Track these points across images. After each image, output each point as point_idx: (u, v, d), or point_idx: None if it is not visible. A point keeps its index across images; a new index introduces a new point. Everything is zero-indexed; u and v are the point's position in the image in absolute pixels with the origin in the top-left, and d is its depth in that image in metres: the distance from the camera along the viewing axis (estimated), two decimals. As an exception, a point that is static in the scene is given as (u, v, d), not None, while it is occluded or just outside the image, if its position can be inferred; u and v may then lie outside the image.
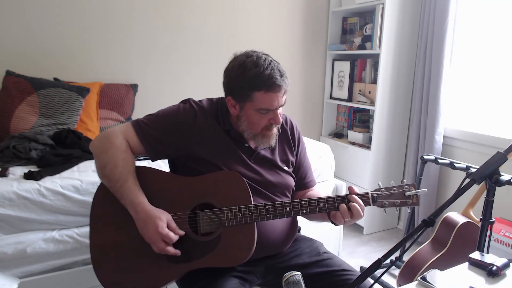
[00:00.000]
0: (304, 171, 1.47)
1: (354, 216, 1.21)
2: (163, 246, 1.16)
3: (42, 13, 2.39)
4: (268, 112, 1.25)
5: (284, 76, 1.23)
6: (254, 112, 1.24)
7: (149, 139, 1.27)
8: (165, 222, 1.17)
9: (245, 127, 1.29)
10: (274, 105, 1.23)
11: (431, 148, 2.70)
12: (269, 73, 1.19)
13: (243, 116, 1.27)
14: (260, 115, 1.25)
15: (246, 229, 1.21)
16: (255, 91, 1.21)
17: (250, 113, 1.25)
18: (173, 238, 1.17)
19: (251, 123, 1.27)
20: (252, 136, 1.30)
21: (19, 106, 2.10)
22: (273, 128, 1.29)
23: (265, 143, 1.31)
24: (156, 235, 1.15)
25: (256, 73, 1.19)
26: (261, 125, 1.27)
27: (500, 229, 2.16)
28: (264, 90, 1.20)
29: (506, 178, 1.18)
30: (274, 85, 1.20)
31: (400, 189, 1.24)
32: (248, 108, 1.25)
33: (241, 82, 1.22)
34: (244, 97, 1.23)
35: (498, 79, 2.50)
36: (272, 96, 1.21)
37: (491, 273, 1.06)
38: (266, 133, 1.28)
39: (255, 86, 1.20)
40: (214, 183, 1.25)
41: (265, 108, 1.23)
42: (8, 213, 1.54)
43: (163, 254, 1.18)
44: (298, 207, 1.23)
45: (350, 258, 2.61)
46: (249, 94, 1.21)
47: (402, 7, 2.78)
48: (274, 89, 1.20)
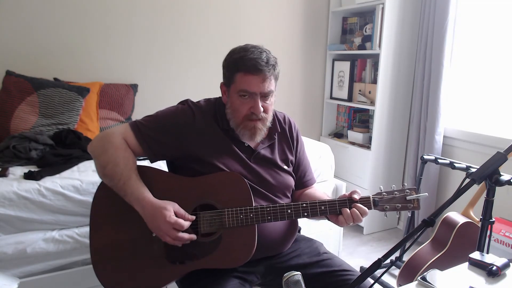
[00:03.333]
0: (303, 169, 1.47)
1: (354, 220, 1.22)
2: (176, 234, 1.15)
3: (42, 13, 2.39)
4: (248, 98, 1.24)
5: (270, 65, 1.23)
6: (236, 97, 1.26)
7: (148, 140, 1.27)
8: (172, 211, 1.16)
9: (230, 115, 1.30)
10: (253, 88, 1.22)
11: (431, 148, 2.70)
12: (253, 57, 1.22)
13: (229, 102, 1.30)
14: (241, 101, 1.25)
15: (247, 231, 1.21)
16: (236, 73, 1.24)
17: (233, 98, 1.27)
18: (183, 224, 1.16)
19: (234, 109, 1.28)
20: (235, 126, 1.29)
21: (19, 106, 2.10)
22: (255, 120, 1.27)
23: (248, 136, 1.29)
24: (167, 224, 1.14)
25: (240, 56, 1.23)
26: (242, 113, 1.26)
27: (500, 229, 2.16)
28: (244, 71, 1.22)
29: (506, 178, 1.18)
30: (255, 68, 1.21)
31: (401, 193, 1.24)
32: (232, 92, 1.27)
33: (227, 64, 1.27)
34: (229, 80, 1.27)
35: (498, 79, 2.50)
36: (252, 78, 1.22)
37: (491, 273, 1.06)
38: (248, 124, 1.27)
39: (237, 68, 1.23)
40: (216, 184, 1.24)
41: (244, 89, 1.23)
42: (8, 213, 1.54)
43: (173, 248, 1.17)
44: (299, 210, 1.23)
45: (350, 258, 2.61)
46: (232, 75, 1.25)
47: (402, 7, 2.78)
48: (254, 72, 1.21)
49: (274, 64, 1.25)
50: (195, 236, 1.18)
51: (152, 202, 1.17)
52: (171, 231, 1.15)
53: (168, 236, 1.16)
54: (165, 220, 1.14)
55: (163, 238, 1.17)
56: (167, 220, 1.14)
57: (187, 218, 1.18)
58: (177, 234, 1.15)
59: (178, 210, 1.18)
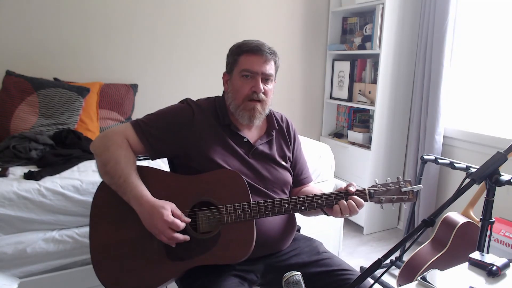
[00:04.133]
0: (300, 167, 1.49)
1: (350, 212, 1.23)
2: (171, 234, 1.16)
3: (42, 13, 2.39)
4: (250, 78, 1.30)
5: (272, 51, 1.33)
6: (238, 78, 1.32)
7: (149, 138, 1.29)
8: (169, 210, 1.17)
9: (231, 99, 1.34)
10: (255, 67, 1.29)
11: (431, 148, 2.70)
12: (256, 43, 1.33)
13: (230, 86, 1.36)
14: (243, 81, 1.31)
15: (245, 226, 1.22)
16: (240, 55, 1.32)
17: (235, 80, 1.33)
18: (179, 225, 1.17)
19: (235, 91, 1.33)
20: (235, 109, 1.33)
21: (19, 106, 2.10)
22: (256, 101, 1.31)
23: (247, 117, 1.32)
24: (163, 223, 1.15)
25: (243, 42, 1.35)
26: (243, 93, 1.31)
27: (500, 229, 2.16)
28: (246, 53, 1.31)
29: (506, 178, 1.18)
30: (258, 49, 1.30)
31: (396, 185, 1.26)
32: (235, 75, 1.33)
33: (231, 52, 1.36)
34: (233, 64, 1.34)
35: (498, 79, 2.50)
36: (254, 58, 1.30)
37: (491, 273, 1.06)
38: (248, 105, 1.31)
39: (240, 50, 1.32)
40: (214, 181, 1.26)
41: (246, 68, 1.30)
42: (8, 213, 1.54)
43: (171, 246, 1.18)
44: (296, 204, 1.24)
45: (350, 258, 2.61)
46: (236, 59, 1.33)
47: (402, 7, 2.78)
48: (257, 52, 1.30)
49: (274, 52, 1.35)
50: (189, 237, 1.19)
51: (150, 200, 1.19)
52: (167, 230, 1.16)
53: (163, 235, 1.17)
54: (162, 219, 1.15)
55: (158, 236, 1.18)
56: (164, 219, 1.15)
57: (184, 220, 1.19)
58: (172, 234, 1.16)
59: (175, 210, 1.20)
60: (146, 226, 1.19)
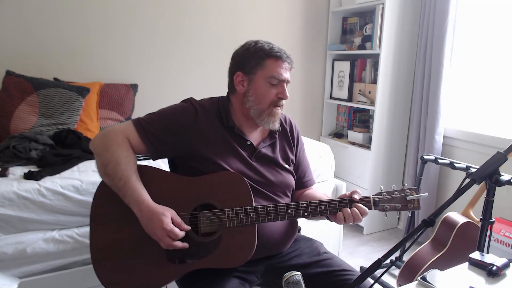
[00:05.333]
0: (303, 170, 1.48)
1: (354, 220, 1.22)
2: (170, 241, 1.16)
3: (42, 13, 2.39)
4: (277, 85, 1.29)
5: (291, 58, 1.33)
6: (264, 83, 1.29)
7: (150, 137, 1.27)
8: (169, 217, 1.16)
9: (252, 103, 1.30)
10: (283, 75, 1.29)
11: (431, 148, 2.70)
12: (278, 47, 1.31)
13: (252, 89, 1.30)
14: (269, 87, 1.29)
15: (247, 230, 1.21)
16: (267, 58, 1.28)
17: (259, 84, 1.29)
18: (178, 234, 1.16)
19: (260, 96, 1.30)
20: (258, 114, 1.31)
21: (19, 106, 2.10)
22: (279, 107, 1.32)
23: (269, 123, 1.32)
24: (162, 231, 1.15)
25: (268, 45, 1.31)
26: (269, 99, 1.29)
27: (500, 229, 2.16)
28: (274, 58, 1.28)
29: (506, 178, 1.18)
30: (284, 56, 1.30)
31: (401, 193, 1.24)
32: (258, 78, 1.29)
33: (254, 52, 1.29)
34: (255, 67, 1.29)
35: (498, 79, 2.50)
36: (282, 64, 1.29)
37: (491, 273, 1.06)
38: (273, 111, 1.30)
39: (268, 53, 1.28)
40: (216, 183, 1.24)
41: (276, 76, 1.28)
42: (8, 213, 1.54)
43: (171, 249, 1.18)
44: (299, 210, 1.23)
45: (350, 258, 2.61)
46: (261, 61, 1.28)
47: (402, 7, 2.78)
48: (285, 58, 1.30)
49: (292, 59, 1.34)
50: (187, 245, 1.18)
51: (150, 206, 1.17)
52: (165, 238, 1.15)
53: (161, 242, 1.16)
54: (161, 227, 1.14)
55: (158, 241, 1.18)
56: (164, 227, 1.14)
57: (183, 228, 1.18)
58: (171, 242, 1.16)
59: (175, 218, 1.18)
60: (146, 231, 1.18)
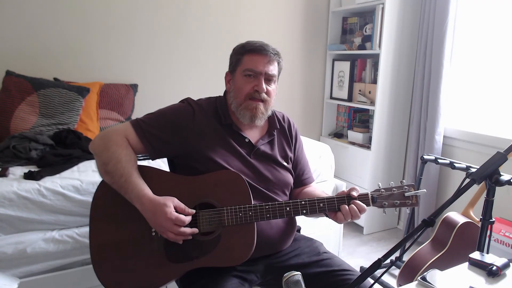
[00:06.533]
0: (301, 168, 1.48)
1: (352, 217, 1.22)
2: (178, 229, 1.15)
3: (42, 13, 2.39)
4: (253, 78, 1.30)
5: (275, 52, 1.33)
6: (241, 77, 1.32)
7: (149, 137, 1.28)
8: (172, 207, 1.16)
9: (233, 98, 1.34)
10: (258, 67, 1.30)
11: (431, 148, 2.70)
12: (260, 43, 1.33)
13: (233, 85, 1.35)
14: (246, 80, 1.31)
15: (246, 229, 1.21)
16: (244, 55, 1.32)
17: (238, 80, 1.33)
18: (184, 220, 1.16)
19: (237, 89, 1.33)
20: (236, 107, 1.33)
21: (19, 106, 2.10)
22: (258, 100, 1.31)
23: (248, 117, 1.31)
24: (168, 221, 1.14)
25: (248, 42, 1.35)
26: (245, 91, 1.31)
27: (500, 229, 2.16)
28: (250, 52, 1.31)
29: (506, 178, 1.18)
30: (262, 49, 1.31)
31: (399, 189, 1.25)
32: (238, 74, 1.33)
33: (236, 50, 1.36)
34: (236, 63, 1.34)
35: (498, 79, 2.50)
36: (258, 57, 1.30)
37: (491, 273, 1.06)
38: (250, 104, 1.31)
39: (244, 49, 1.32)
40: (214, 182, 1.25)
41: (250, 68, 1.30)
42: (8, 213, 1.54)
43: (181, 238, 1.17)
44: (298, 207, 1.24)
45: (350, 258, 2.61)
46: (239, 58, 1.33)
47: (402, 7, 2.78)
48: (260, 52, 1.30)
49: (278, 53, 1.34)
50: (197, 230, 1.18)
51: (152, 198, 1.18)
52: (173, 227, 1.15)
53: (170, 232, 1.16)
54: (166, 217, 1.14)
55: (164, 234, 1.17)
56: (168, 216, 1.14)
57: (188, 212, 1.19)
58: (179, 229, 1.15)
59: (178, 204, 1.19)
60: (151, 225, 1.19)
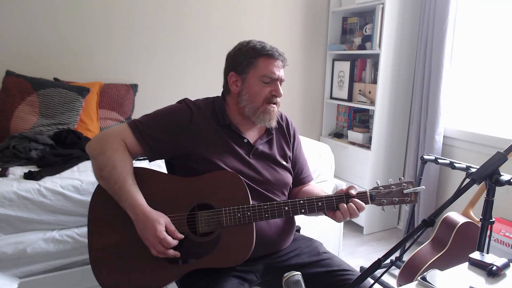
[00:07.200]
0: (300, 166, 1.48)
1: (351, 215, 1.22)
2: (162, 249, 1.16)
3: (42, 13, 2.39)
4: (270, 82, 1.30)
5: (283, 54, 1.33)
6: (257, 81, 1.30)
7: (147, 139, 1.27)
8: (163, 225, 1.16)
9: (246, 102, 1.31)
10: (276, 73, 1.30)
11: (431, 148, 2.70)
12: (270, 46, 1.33)
13: (245, 88, 1.31)
14: (262, 85, 1.30)
15: (244, 229, 1.21)
16: (259, 57, 1.29)
17: (252, 83, 1.30)
18: (171, 242, 1.16)
19: (253, 94, 1.30)
20: (252, 112, 1.31)
21: (19, 106, 2.10)
22: (274, 104, 1.32)
23: (265, 120, 1.32)
24: (155, 238, 1.15)
25: (259, 43, 1.32)
26: (263, 96, 1.30)
27: (500, 229, 2.16)
28: (265, 56, 1.29)
29: (506, 178, 1.18)
30: (276, 54, 1.31)
31: (398, 187, 1.25)
32: (251, 77, 1.30)
33: (245, 51, 1.31)
34: (248, 66, 1.30)
35: (498, 79, 2.50)
36: (273, 62, 1.30)
37: (491, 273, 1.06)
38: (267, 108, 1.31)
39: (259, 52, 1.29)
40: (213, 183, 1.25)
41: (268, 74, 1.29)
42: (8, 213, 1.54)
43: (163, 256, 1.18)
44: (296, 207, 1.24)
45: (350, 258, 2.61)
46: (253, 61, 1.29)
47: (402, 7, 2.78)
48: (274, 56, 1.30)
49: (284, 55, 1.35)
50: (179, 254, 1.18)
51: (145, 211, 1.17)
52: (158, 245, 1.15)
53: (153, 249, 1.17)
54: (155, 234, 1.15)
55: (149, 248, 1.18)
56: (157, 234, 1.14)
57: (176, 237, 1.18)
58: (163, 250, 1.16)
59: (169, 226, 1.18)
60: (139, 234, 1.19)
